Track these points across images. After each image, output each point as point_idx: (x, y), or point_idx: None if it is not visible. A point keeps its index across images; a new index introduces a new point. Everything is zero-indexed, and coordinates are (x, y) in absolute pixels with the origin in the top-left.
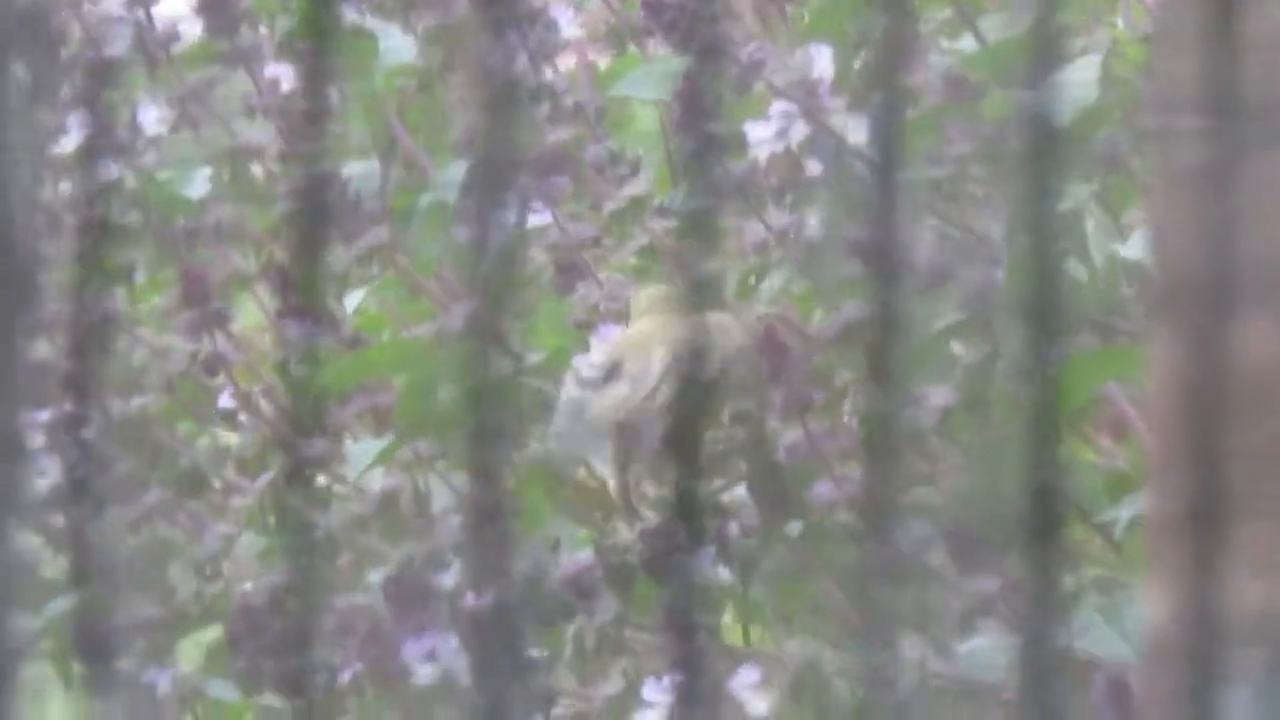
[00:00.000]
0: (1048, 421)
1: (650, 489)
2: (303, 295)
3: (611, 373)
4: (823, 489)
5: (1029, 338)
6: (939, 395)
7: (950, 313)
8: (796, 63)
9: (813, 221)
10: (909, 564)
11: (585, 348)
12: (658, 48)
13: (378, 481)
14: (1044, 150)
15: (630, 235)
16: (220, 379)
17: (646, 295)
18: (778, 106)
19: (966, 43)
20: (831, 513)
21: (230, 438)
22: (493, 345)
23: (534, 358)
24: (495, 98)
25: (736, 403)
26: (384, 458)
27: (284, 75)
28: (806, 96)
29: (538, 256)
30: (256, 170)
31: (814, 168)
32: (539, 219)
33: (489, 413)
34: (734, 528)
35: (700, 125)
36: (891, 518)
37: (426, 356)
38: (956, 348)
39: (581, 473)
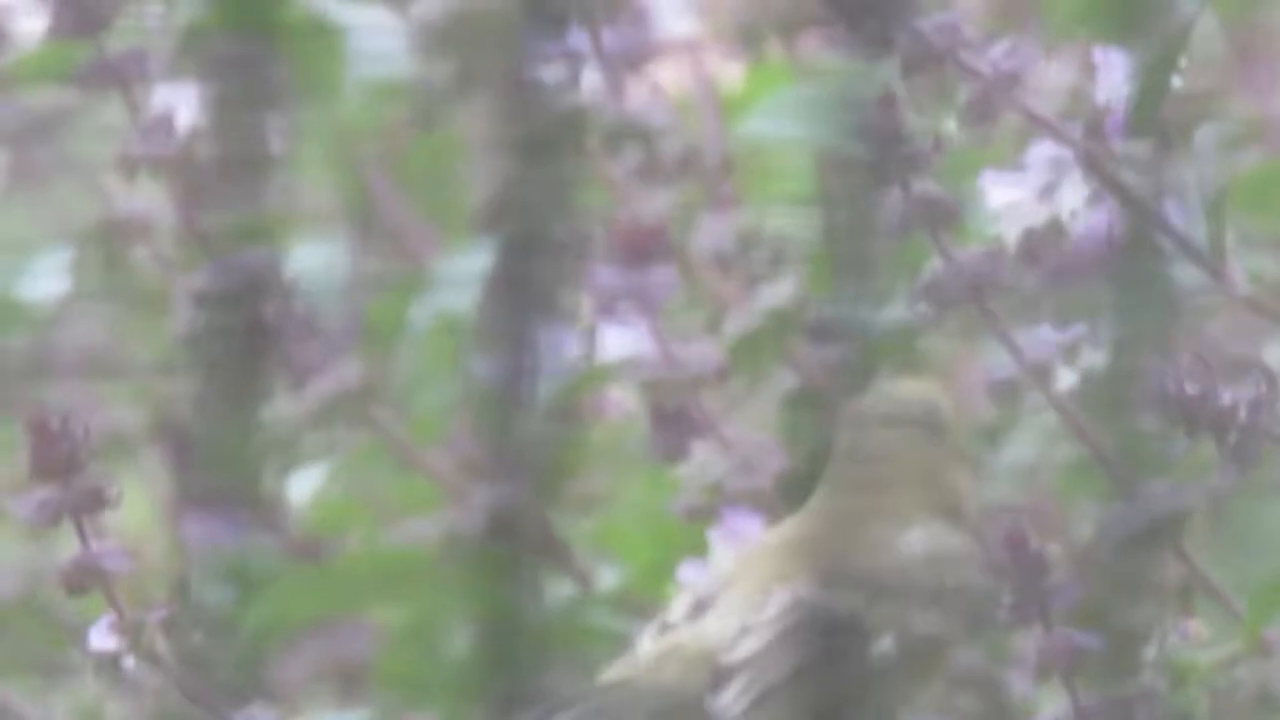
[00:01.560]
0: None
1: None
2: (219, 471)
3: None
4: None
5: None
6: None
7: None
8: (1069, 78)
9: (1092, 345)
10: None
11: (703, 557)
12: (820, 50)
13: None
14: None
15: (772, 369)
16: (91, 599)
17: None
18: (1039, 150)
19: None
20: None
21: (103, 701)
22: (538, 557)
23: (610, 578)
24: (541, 137)
25: (957, 653)
26: None
27: (184, 100)
28: (1086, 134)
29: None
30: (140, 258)
31: (1098, 251)
32: (619, 341)
33: (532, 669)
34: None
35: (899, 179)
36: None
37: (427, 576)
38: None
39: None
